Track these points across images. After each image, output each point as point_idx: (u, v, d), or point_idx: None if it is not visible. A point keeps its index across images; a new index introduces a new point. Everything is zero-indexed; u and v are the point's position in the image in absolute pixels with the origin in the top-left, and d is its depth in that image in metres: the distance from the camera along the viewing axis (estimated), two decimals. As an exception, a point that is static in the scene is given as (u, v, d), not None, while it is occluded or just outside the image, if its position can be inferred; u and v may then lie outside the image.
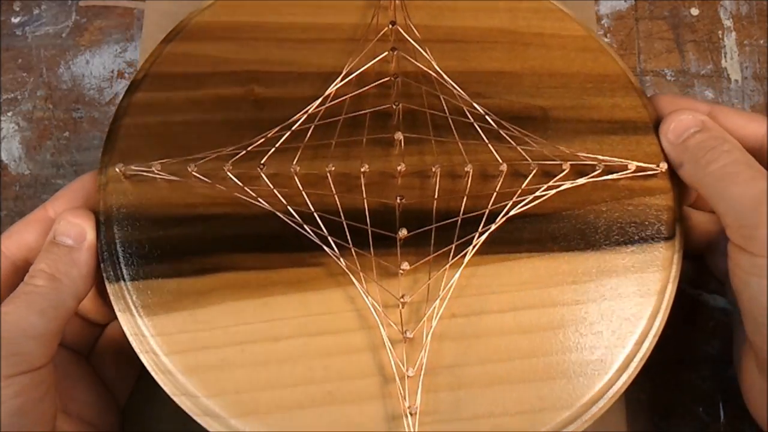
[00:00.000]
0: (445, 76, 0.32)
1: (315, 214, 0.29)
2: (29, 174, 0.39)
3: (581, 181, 0.30)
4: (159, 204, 0.29)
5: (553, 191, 0.30)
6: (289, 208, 0.29)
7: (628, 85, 0.32)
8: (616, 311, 0.29)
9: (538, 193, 0.30)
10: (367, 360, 0.28)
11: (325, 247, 0.29)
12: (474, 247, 0.29)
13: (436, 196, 0.30)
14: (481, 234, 0.29)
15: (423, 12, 0.33)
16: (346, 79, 0.32)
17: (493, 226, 0.29)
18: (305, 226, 0.29)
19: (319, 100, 0.31)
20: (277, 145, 0.30)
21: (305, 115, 0.31)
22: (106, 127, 0.31)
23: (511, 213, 0.30)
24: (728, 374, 0.35)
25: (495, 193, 0.30)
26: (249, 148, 0.30)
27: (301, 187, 0.30)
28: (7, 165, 0.39)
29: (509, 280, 0.29)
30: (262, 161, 0.30)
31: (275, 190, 0.30)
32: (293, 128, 0.31)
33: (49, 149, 0.39)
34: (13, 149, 0.39)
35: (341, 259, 0.29)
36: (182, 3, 0.41)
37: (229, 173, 0.29)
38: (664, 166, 0.30)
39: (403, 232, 0.28)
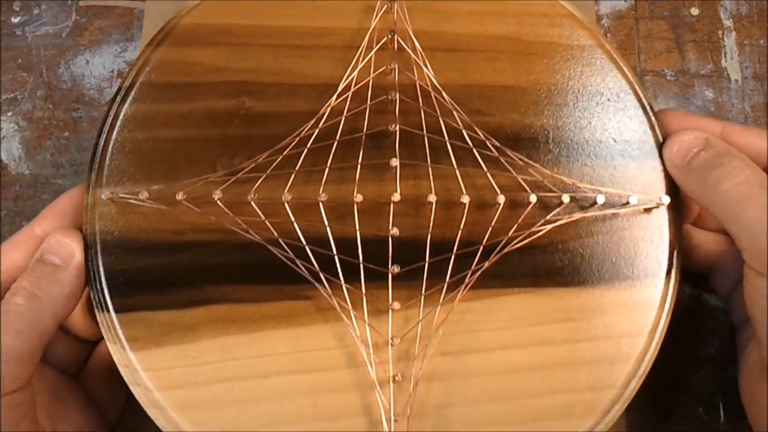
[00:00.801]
0: (444, 95, 0.30)
1: (307, 248, 0.28)
2: (29, 174, 0.39)
3: (578, 216, 0.29)
4: (146, 230, 0.29)
5: (550, 226, 0.29)
6: (280, 240, 0.29)
7: (636, 102, 0.31)
8: (607, 351, 0.28)
9: (535, 228, 0.29)
10: (355, 399, 0.28)
11: (317, 284, 0.28)
12: (466, 286, 0.29)
13: (430, 229, 0.29)
14: (474, 272, 0.29)
15: (425, 16, 0.32)
16: (342, 97, 0.30)
17: (487, 264, 0.29)
18: (296, 261, 0.28)
19: (312, 121, 0.30)
20: (268, 172, 0.29)
21: (297, 139, 0.30)
22: (106, 128, 0.31)
23: (506, 250, 0.29)
24: (728, 374, 0.35)
25: (491, 228, 0.29)
26: (239, 175, 0.29)
27: (292, 218, 0.29)
28: (7, 165, 0.39)
29: (501, 316, 0.29)
30: (253, 189, 0.29)
31: (267, 222, 0.29)
32: (285, 153, 0.30)
33: (49, 149, 0.39)
34: (13, 149, 0.39)
35: (333, 298, 0.28)
36: (182, 3, 0.41)
37: (218, 202, 0.29)
38: (666, 200, 0.29)
39: (395, 269, 0.28)
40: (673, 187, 0.30)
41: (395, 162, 0.29)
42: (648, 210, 0.30)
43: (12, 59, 0.41)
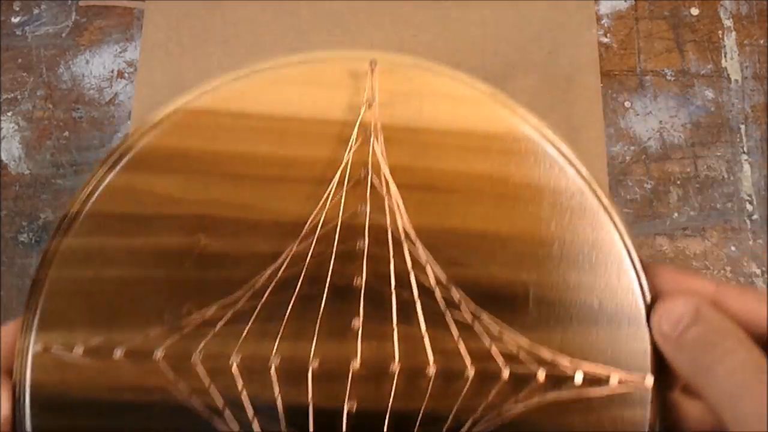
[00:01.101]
0: (418, 244, 0.28)
1: (253, 425, 0.26)
2: (29, 174, 0.39)
3: (552, 396, 0.27)
4: (80, 387, 0.26)
5: (522, 407, 0.27)
6: (226, 412, 0.26)
7: (624, 259, 0.28)
8: None
9: (504, 409, 0.27)
10: None
11: None
12: None
13: (390, 403, 0.27)
14: None
15: (405, 149, 0.28)
16: (306, 242, 0.28)
17: None
18: None
19: (270, 270, 0.27)
20: (216, 328, 0.27)
21: (251, 291, 0.27)
22: (107, 127, 0.30)
23: None
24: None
25: (456, 408, 0.27)
26: (184, 331, 0.27)
27: (240, 385, 0.27)
28: (7, 165, 0.39)
29: None
30: (198, 349, 0.27)
31: (211, 389, 0.26)
32: (237, 306, 0.27)
33: (49, 149, 0.39)
34: (13, 149, 0.39)
35: None
36: (182, 3, 0.41)
37: (160, 362, 0.27)
38: (649, 382, 0.27)
39: None
40: (659, 355, 0.28)
41: (357, 323, 0.27)
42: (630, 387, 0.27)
43: (12, 59, 0.41)
